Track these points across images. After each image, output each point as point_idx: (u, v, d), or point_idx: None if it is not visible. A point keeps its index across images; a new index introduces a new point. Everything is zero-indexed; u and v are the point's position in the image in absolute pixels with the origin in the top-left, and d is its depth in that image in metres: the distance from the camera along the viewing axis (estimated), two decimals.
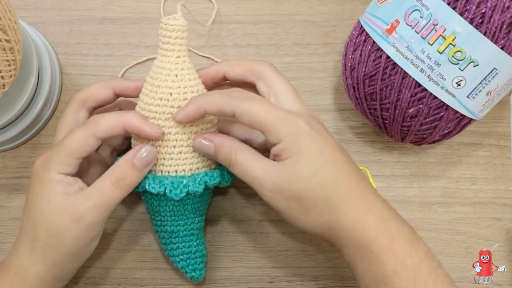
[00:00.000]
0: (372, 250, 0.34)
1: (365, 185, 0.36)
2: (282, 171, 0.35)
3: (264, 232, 0.45)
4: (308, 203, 0.35)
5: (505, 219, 0.46)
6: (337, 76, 0.48)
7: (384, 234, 0.35)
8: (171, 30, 0.37)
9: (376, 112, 0.41)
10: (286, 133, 0.35)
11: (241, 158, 0.36)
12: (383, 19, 0.39)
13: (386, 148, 0.47)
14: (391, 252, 0.34)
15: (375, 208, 0.36)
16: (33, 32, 0.46)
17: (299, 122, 0.36)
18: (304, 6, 0.49)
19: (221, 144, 0.37)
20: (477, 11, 0.35)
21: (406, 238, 0.35)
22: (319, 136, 0.36)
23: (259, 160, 0.36)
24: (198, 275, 0.41)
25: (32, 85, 0.43)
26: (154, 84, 0.37)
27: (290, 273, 0.44)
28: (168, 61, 0.37)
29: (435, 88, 0.37)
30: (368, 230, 0.35)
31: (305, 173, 0.35)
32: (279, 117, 0.35)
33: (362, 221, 0.35)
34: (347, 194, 0.35)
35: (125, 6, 0.49)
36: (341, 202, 0.35)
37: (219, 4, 0.49)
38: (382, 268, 0.34)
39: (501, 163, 0.47)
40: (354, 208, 0.35)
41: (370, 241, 0.35)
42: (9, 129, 0.44)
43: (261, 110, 0.35)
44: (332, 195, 0.35)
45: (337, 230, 0.35)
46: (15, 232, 0.45)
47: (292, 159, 0.35)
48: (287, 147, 0.35)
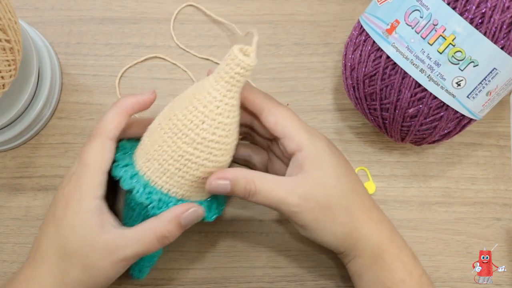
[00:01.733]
0: (384, 259, 0.37)
1: (371, 198, 0.39)
2: (307, 182, 0.36)
3: (264, 232, 0.45)
4: (333, 212, 0.36)
5: (505, 219, 0.46)
6: (337, 76, 0.48)
7: (395, 244, 0.37)
8: (237, 64, 0.34)
9: (376, 112, 0.41)
10: (308, 142, 0.36)
11: (261, 186, 0.36)
12: (383, 19, 0.39)
13: (386, 148, 0.47)
14: (400, 262, 0.37)
15: (385, 220, 0.38)
16: (33, 32, 0.46)
17: (319, 135, 0.38)
18: (304, 6, 0.49)
19: (236, 178, 0.36)
20: (477, 11, 0.35)
21: (410, 252, 0.38)
22: (334, 149, 0.38)
23: (279, 181, 0.36)
24: (139, 275, 0.41)
25: (32, 85, 0.43)
26: (193, 102, 0.35)
27: (290, 273, 0.44)
28: (218, 90, 0.34)
29: (435, 88, 0.37)
30: (382, 240, 0.37)
31: (330, 182, 0.36)
32: (302, 126, 0.37)
33: (378, 230, 0.37)
34: (362, 204, 0.38)
35: (125, 6, 0.49)
36: (359, 211, 0.37)
37: (219, 4, 0.49)
38: (392, 277, 0.36)
39: (501, 163, 0.47)
40: (370, 219, 0.37)
41: (384, 250, 0.37)
42: (9, 129, 0.44)
43: (288, 115, 0.37)
44: (352, 204, 0.37)
45: (356, 238, 0.37)
46: (15, 232, 0.45)
47: (315, 168, 0.36)
48: (308, 156, 0.36)
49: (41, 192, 0.45)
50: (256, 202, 0.36)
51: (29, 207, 0.45)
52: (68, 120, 0.47)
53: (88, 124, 0.47)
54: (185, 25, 0.49)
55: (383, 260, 0.36)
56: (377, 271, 0.36)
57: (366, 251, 0.37)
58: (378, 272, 0.36)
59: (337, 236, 0.37)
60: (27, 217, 0.45)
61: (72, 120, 0.47)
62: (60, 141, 0.46)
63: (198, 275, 0.44)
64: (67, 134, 0.47)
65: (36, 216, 0.45)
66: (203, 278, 0.44)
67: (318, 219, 0.36)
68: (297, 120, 0.37)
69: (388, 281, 0.36)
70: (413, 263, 0.37)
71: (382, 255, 0.37)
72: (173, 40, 0.48)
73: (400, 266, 0.37)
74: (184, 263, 0.44)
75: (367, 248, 0.37)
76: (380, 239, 0.37)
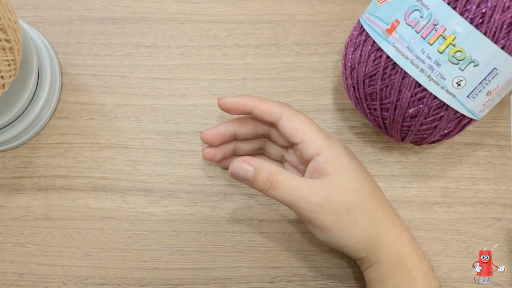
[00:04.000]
0: (407, 267, 0.36)
1: (391, 204, 0.39)
2: (331, 185, 0.35)
3: (264, 232, 0.45)
4: (355, 215, 0.36)
5: (505, 219, 0.46)
6: (337, 76, 0.48)
7: (416, 253, 0.37)
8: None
9: (376, 112, 0.41)
10: (327, 146, 0.36)
11: (284, 180, 0.35)
12: (383, 19, 0.39)
13: (386, 148, 0.47)
14: (421, 272, 0.36)
15: (406, 228, 0.38)
16: (33, 32, 0.46)
17: (337, 140, 0.38)
18: (304, 6, 0.49)
19: (260, 167, 0.35)
20: (477, 11, 0.35)
21: (428, 262, 0.38)
22: (352, 153, 0.39)
23: (302, 179, 0.36)
24: None
25: (32, 85, 0.43)
26: None
27: (290, 273, 0.44)
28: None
29: (435, 88, 0.37)
30: (404, 247, 0.37)
31: (353, 185, 0.36)
32: (320, 130, 0.37)
33: (400, 237, 0.37)
34: (384, 210, 0.37)
35: (125, 6, 0.49)
36: (381, 217, 0.37)
37: (219, 4, 0.49)
38: (414, 285, 0.36)
39: (501, 163, 0.47)
40: (392, 225, 0.37)
41: (406, 258, 0.36)
42: (9, 129, 0.44)
43: (306, 121, 0.37)
44: (374, 209, 0.37)
45: (378, 244, 0.36)
46: (15, 232, 0.45)
47: (337, 171, 0.36)
48: (329, 159, 0.36)
49: (41, 192, 0.45)
50: (275, 196, 0.35)
51: (28, 207, 0.45)
52: (68, 120, 0.47)
53: (88, 124, 0.47)
54: (185, 25, 0.49)
55: (405, 267, 0.36)
56: (399, 279, 0.36)
57: (388, 257, 0.36)
58: (400, 280, 0.36)
59: (358, 240, 0.36)
60: (26, 217, 0.45)
61: (72, 120, 0.47)
62: (60, 141, 0.46)
63: (198, 275, 0.44)
64: (67, 134, 0.47)
65: (36, 216, 0.45)
66: (203, 278, 0.44)
67: (339, 221, 0.35)
68: (315, 125, 0.37)
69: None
70: (433, 274, 0.37)
71: (405, 262, 0.36)
72: (173, 40, 0.48)
73: (421, 276, 0.36)
74: (184, 263, 0.44)
75: (389, 254, 0.36)
76: (402, 247, 0.36)
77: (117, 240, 0.45)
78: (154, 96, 0.47)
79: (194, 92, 0.48)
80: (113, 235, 0.45)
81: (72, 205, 0.45)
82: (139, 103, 0.47)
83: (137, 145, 0.46)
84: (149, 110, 0.47)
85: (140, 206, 0.45)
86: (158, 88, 0.47)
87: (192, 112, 0.47)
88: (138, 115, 0.47)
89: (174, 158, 0.46)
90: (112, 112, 0.47)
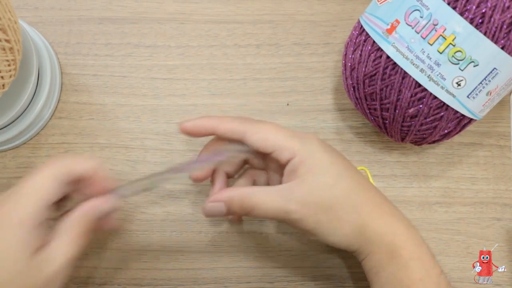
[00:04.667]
0: (402, 255, 0.35)
1: (380, 193, 0.38)
2: (304, 186, 0.35)
3: (264, 232, 0.45)
4: (337, 211, 0.35)
5: (505, 219, 0.46)
6: (337, 76, 0.48)
7: (412, 241, 0.36)
8: None
9: (376, 112, 0.41)
10: (299, 147, 0.35)
11: (257, 199, 0.35)
12: (383, 19, 0.39)
13: (386, 148, 0.47)
14: (419, 259, 0.35)
15: (398, 214, 0.37)
16: (33, 32, 0.46)
17: (309, 136, 0.37)
18: (304, 6, 0.49)
19: (230, 197, 0.35)
20: (477, 11, 0.35)
21: (427, 248, 0.36)
22: (328, 147, 0.37)
23: (274, 191, 0.35)
24: None
25: (32, 85, 0.43)
26: None
27: (290, 273, 0.44)
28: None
29: (435, 88, 0.37)
30: (398, 236, 0.35)
31: (328, 181, 0.35)
32: (289, 134, 0.36)
33: (392, 225, 0.36)
34: (371, 200, 0.36)
35: (125, 6, 0.49)
36: (368, 206, 0.36)
37: (219, 4, 0.49)
38: (410, 275, 0.35)
39: (501, 163, 0.47)
40: (381, 213, 0.36)
41: (400, 246, 0.35)
42: (9, 129, 0.44)
43: (272, 129, 0.36)
44: (358, 201, 0.36)
45: (368, 234, 0.35)
46: None
47: (310, 171, 0.35)
48: (303, 160, 0.35)
49: None
50: (257, 216, 0.35)
51: None
52: (68, 120, 0.47)
53: (88, 124, 0.47)
54: (185, 25, 0.49)
55: (400, 256, 0.35)
56: (394, 269, 0.35)
57: (381, 247, 0.35)
58: (395, 269, 0.35)
59: (346, 235, 0.35)
60: None
61: (72, 120, 0.47)
62: (60, 141, 0.46)
63: (198, 275, 0.44)
64: (67, 134, 0.46)
65: None
66: (203, 278, 0.44)
67: (321, 221, 0.35)
68: (282, 130, 0.36)
69: (407, 279, 0.35)
70: (432, 262, 0.36)
71: (399, 251, 0.35)
72: (173, 40, 0.48)
73: (418, 264, 0.35)
74: (184, 263, 0.44)
75: (382, 244, 0.35)
76: (396, 234, 0.35)
77: (117, 240, 0.45)
78: (154, 96, 0.47)
79: (194, 92, 0.48)
80: (113, 235, 0.45)
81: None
82: (139, 103, 0.47)
83: (137, 145, 0.46)
84: (149, 110, 0.47)
85: (140, 206, 0.45)
86: (158, 88, 0.47)
87: (192, 112, 0.47)
88: (138, 115, 0.47)
89: (174, 158, 0.46)
90: (112, 112, 0.47)
